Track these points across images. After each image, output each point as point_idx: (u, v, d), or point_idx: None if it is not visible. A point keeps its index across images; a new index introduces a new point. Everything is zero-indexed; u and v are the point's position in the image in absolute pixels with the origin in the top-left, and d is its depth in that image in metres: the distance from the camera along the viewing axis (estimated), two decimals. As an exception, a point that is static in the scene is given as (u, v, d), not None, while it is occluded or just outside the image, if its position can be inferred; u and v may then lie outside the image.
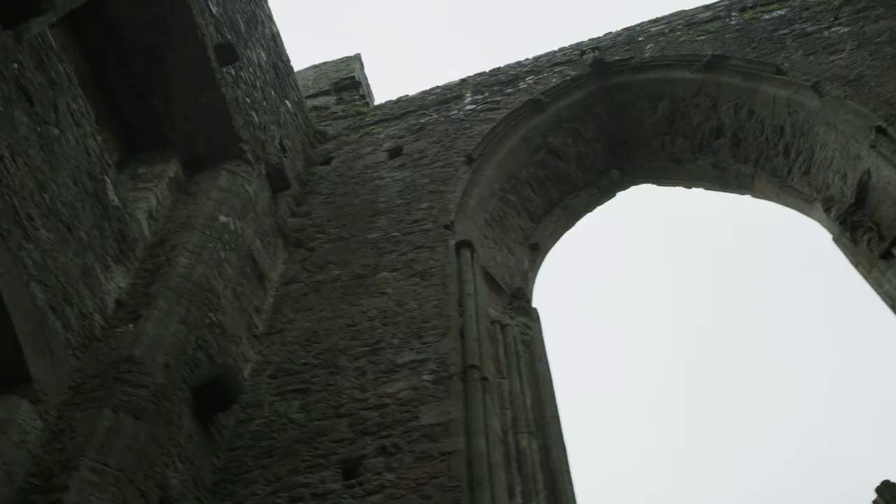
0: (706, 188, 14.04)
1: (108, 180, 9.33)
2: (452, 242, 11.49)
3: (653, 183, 14.56)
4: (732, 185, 13.66)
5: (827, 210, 11.73)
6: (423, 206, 12.62)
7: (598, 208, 14.56)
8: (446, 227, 11.89)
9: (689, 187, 14.25)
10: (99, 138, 9.47)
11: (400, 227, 12.31)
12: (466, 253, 11.34)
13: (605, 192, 14.53)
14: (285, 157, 13.98)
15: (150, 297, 9.05)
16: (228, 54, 12.06)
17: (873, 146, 10.79)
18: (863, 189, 11.17)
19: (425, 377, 9.35)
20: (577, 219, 14.24)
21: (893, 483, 7.70)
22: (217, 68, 11.82)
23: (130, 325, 8.58)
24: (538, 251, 13.29)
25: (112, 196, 9.32)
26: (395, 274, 11.32)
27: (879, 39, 12.90)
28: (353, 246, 12.27)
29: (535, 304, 12.27)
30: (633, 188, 14.71)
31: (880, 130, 10.80)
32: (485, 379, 9.28)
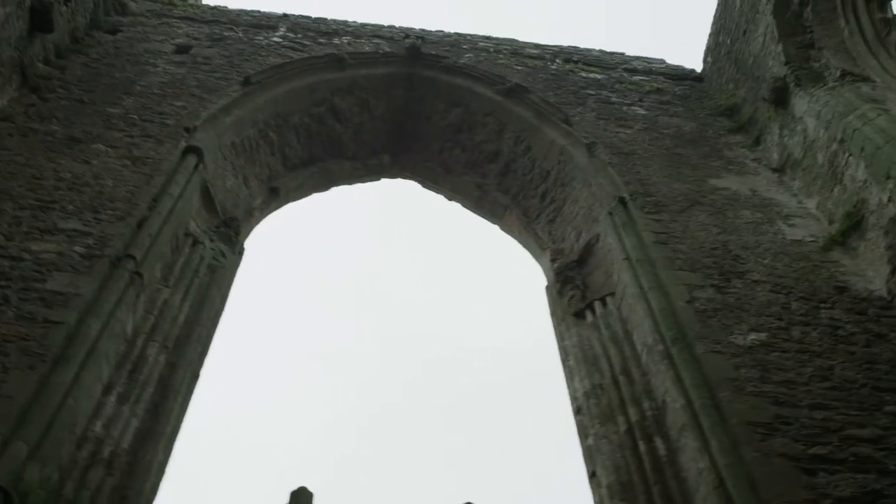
0: (464, 205, 14.00)
1: None
2: (183, 144, 10.87)
3: (419, 182, 14.41)
4: (487, 210, 13.70)
5: (553, 260, 11.87)
6: (178, 104, 11.94)
7: (359, 185, 14.28)
8: (187, 129, 11.26)
9: (450, 199, 14.18)
10: None
11: (143, 112, 11.58)
12: (192, 159, 10.76)
13: (370, 172, 14.27)
14: (66, 4, 12.96)
15: None
16: None
17: (610, 213, 11.00)
18: (588, 250, 11.39)
19: (77, 248, 8.69)
20: (332, 185, 13.89)
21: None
22: None
23: None
24: (277, 196, 12.82)
25: None
26: (109, 150, 10.59)
27: (665, 131, 13.31)
28: (88, 112, 11.45)
29: (249, 242, 11.82)
30: (399, 180, 14.53)
31: (622, 201, 11.06)
32: (138, 274, 8.70)
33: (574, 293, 10.87)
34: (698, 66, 15.98)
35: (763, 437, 7.56)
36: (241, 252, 11.18)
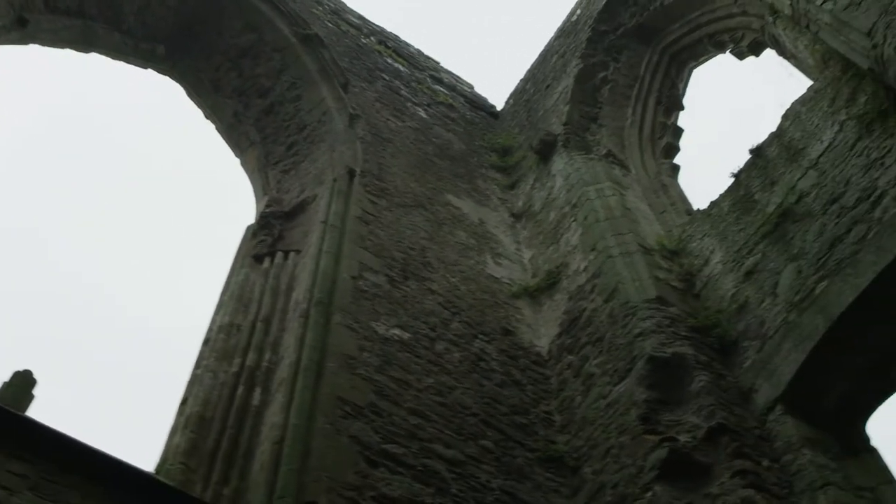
0: (217, 127, 13.36)
1: None
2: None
3: (185, 88, 13.64)
4: (235, 140, 13.11)
5: (268, 206, 11.36)
6: None
7: (125, 62, 13.38)
8: None
9: (207, 117, 13.49)
10: None
11: None
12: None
13: (140, 56, 13.36)
14: None
15: None
16: None
17: (335, 180, 10.73)
18: (301, 207, 11.01)
19: None
20: (93, 49, 12.80)
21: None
22: None
23: None
24: (23, 28, 11.68)
25: None
26: None
27: (435, 140, 13.23)
28: None
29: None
30: (167, 79, 13.72)
31: (350, 173, 10.91)
32: None
33: (266, 238, 10.41)
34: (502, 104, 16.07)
35: (345, 416, 7.29)
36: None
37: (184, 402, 8.24)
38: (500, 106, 16.01)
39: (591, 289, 9.84)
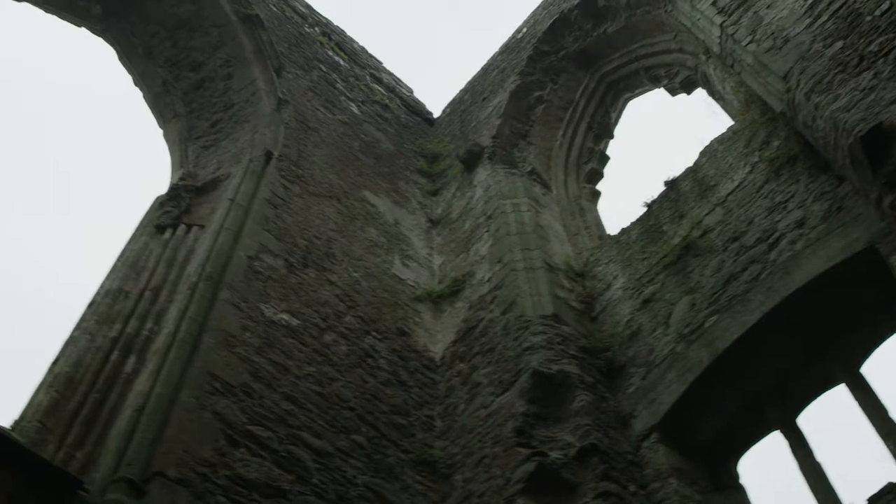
0: (144, 96, 13.00)
1: None
2: None
3: (117, 52, 13.33)
4: (160, 111, 12.78)
5: (181, 179, 11.14)
6: None
7: (57, 17, 13.06)
8: None
9: (136, 84, 13.17)
10: None
11: None
12: None
13: (73, 13, 12.88)
14: None
15: None
16: None
17: (251, 160, 10.56)
18: (214, 184, 10.73)
19: None
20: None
21: None
22: None
23: None
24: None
25: None
26: None
27: (363, 136, 13.14)
28: None
29: None
30: (100, 40, 13.42)
31: (268, 155, 10.76)
32: None
33: (172, 210, 10.16)
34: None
35: (213, 392, 7.12)
36: None
37: (55, 361, 7.98)
38: (437, 113, 15.94)
39: (491, 300, 9.79)
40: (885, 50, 6.96)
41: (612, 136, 13.28)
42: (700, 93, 11.84)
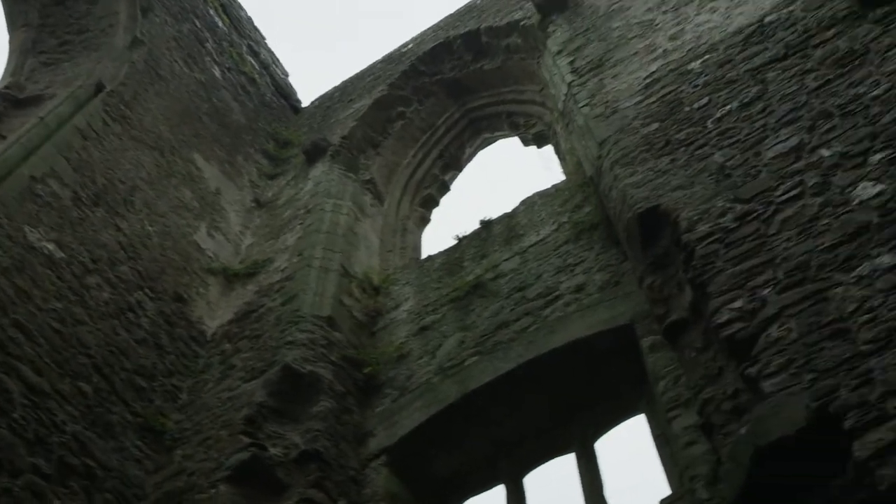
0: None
1: None
2: None
3: None
4: (11, 17, 12.30)
5: (7, 88, 10.66)
6: None
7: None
8: None
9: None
10: None
11: None
12: None
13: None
14: None
15: None
16: None
17: (80, 87, 10.10)
18: (38, 100, 10.31)
19: None
20: None
21: None
22: None
23: None
24: None
25: None
26: None
27: (216, 101, 12.80)
28: None
29: None
30: None
31: (99, 87, 10.23)
32: None
33: (-22, 113, 9.68)
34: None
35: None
36: None
37: None
38: (307, 103, 15.74)
39: (278, 289, 9.60)
40: (689, 140, 7.13)
41: (460, 170, 13.31)
42: (549, 148, 12.00)
